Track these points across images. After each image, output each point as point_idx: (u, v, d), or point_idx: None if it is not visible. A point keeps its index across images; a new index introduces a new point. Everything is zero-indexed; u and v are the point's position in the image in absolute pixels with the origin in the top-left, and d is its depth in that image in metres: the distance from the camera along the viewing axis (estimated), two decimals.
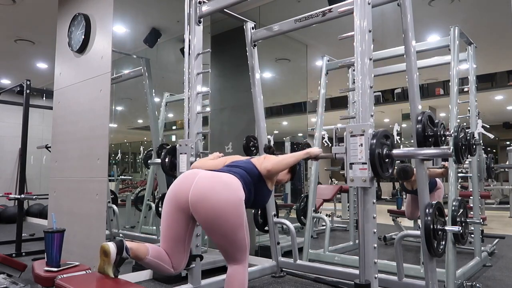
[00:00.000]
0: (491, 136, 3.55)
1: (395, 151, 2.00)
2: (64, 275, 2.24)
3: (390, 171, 2.00)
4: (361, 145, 1.97)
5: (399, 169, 3.90)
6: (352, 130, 2.01)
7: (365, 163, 1.95)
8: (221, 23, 4.39)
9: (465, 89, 3.51)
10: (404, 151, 2.13)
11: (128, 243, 1.84)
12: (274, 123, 6.03)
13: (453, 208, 2.70)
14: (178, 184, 1.93)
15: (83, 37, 3.33)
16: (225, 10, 3.00)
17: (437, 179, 4.18)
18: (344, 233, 5.52)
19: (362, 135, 1.97)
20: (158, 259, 1.89)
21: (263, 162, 2.06)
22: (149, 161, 3.78)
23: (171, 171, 2.86)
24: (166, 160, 2.86)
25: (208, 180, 1.86)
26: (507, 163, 8.35)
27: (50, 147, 3.89)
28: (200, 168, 2.07)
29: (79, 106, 3.38)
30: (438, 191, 4.21)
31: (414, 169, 3.60)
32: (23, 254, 4.15)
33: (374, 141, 1.92)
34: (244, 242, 1.89)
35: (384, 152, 1.97)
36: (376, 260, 2.01)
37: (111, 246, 1.79)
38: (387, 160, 1.98)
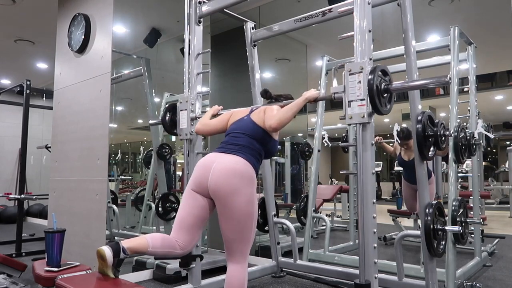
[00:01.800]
0: (491, 136, 3.55)
1: (393, 85, 2.01)
2: (65, 275, 2.25)
3: (388, 106, 2.02)
4: (360, 82, 1.98)
5: (400, 129, 3.88)
6: (351, 68, 2.02)
7: (364, 99, 1.96)
8: (221, 23, 4.39)
9: (465, 89, 3.51)
10: (402, 83, 2.10)
11: (125, 243, 1.84)
12: None
13: (453, 208, 2.70)
14: (197, 173, 2.00)
15: (83, 37, 3.33)
16: (225, 10, 3.00)
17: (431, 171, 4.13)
18: (344, 233, 5.53)
19: (361, 72, 1.99)
20: (161, 248, 1.91)
21: (267, 119, 2.06)
22: (149, 121, 3.75)
23: (171, 129, 2.90)
24: (167, 118, 2.91)
25: (221, 172, 1.92)
26: (507, 163, 8.35)
27: (50, 147, 3.89)
28: (205, 129, 2.33)
29: (79, 106, 3.39)
30: (431, 185, 4.15)
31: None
32: (23, 254, 4.15)
33: (372, 76, 1.93)
34: (251, 235, 1.96)
35: (382, 86, 1.98)
36: (376, 260, 2.01)
37: (106, 250, 1.80)
38: (385, 95, 2.00)
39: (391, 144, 4.36)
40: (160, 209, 3.77)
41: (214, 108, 2.52)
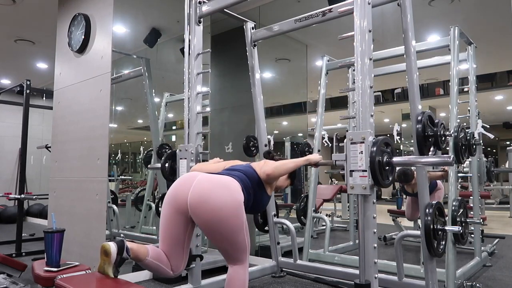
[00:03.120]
0: (491, 136, 3.54)
1: (395, 159, 1.99)
2: (64, 275, 2.24)
3: (390, 178, 2.00)
4: (361, 152, 1.97)
5: (400, 172, 3.89)
6: (352, 137, 2.01)
7: (365, 171, 1.94)
8: (221, 23, 4.39)
9: (465, 89, 3.51)
10: (405, 159, 2.11)
11: (129, 244, 1.84)
12: (274, 123, 6.02)
13: (453, 208, 2.70)
14: (177, 186, 1.92)
15: (83, 37, 3.33)
16: (225, 10, 3.00)
17: (438, 180, 4.18)
18: (344, 233, 5.52)
19: (363, 142, 1.97)
20: (157, 261, 1.88)
21: (263, 166, 2.06)
22: (148, 166, 3.76)
23: (171, 176, 2.83)
24: (166, 165, 2.83)
25: (207, 182, 1.85)
26: (507, 163, 8.34)
27: (50, 147, 3.89)
28: (200, 171, 2.04)
29: (79, 106, 3.38)
30: (439, 191, 4.21)
31: (415, 172, 3.59)
32: (23, 254, 4.15)
33: (375, 148, 1.91)
34: (244, 244, 1.89)
35: (385, 159, 1.96)
36: (376, 260, 2.01)
37: (112, 246, 1.79)
38: (387, 167, 1.97)
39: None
40: (160, 209, 3.76)
41: (215, 159, 2.38)
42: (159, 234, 1.95)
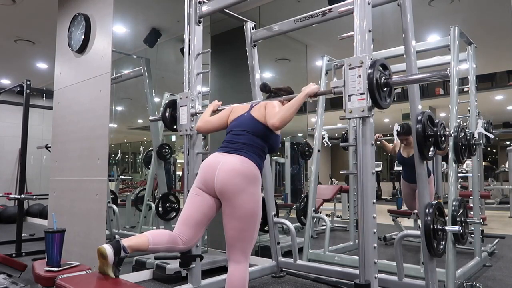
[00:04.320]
0: (491, 136, 3.54)
1: (393, 79, 2.01)
2: (65, 275, 2.24)
3: (388, 101, 2.02)
4: (359, 76, 1.98)
5: (400, 125, 3.88)
6: (350, 62, 2.02)
7: (364, 93, 1.96)
8: (221, 23, 4.39)
9: (465, 89, 3.51)
10: (402, 77, 2.10)
11: (125, 241, 1.85)
12: None
13: (453, 208, 2.70)
14: (203, 172, 2.02)
15: (83, 37, 3.33)
16: (225, 10, 3.00)
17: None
18: (344, 233, 5.52)
19: (361, 66, 1.98)
20: (162, 244, 1.92)
21: (268, 116, 2.05)
22: (149, 118, 3.76)
23: (171, 125, 2.91)
24: (167, 114, 2.92)
25: (227, 174, 1.93)
26: (507, 163, 8.34)
27: (50, 147, 3.89)
28: (206, 126, 2.33)
29: (79, 106, 3.39)
30: (431, 184, 4.16)
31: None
32: (23, 254, 4.15)
33: (372, 70, 1.93)
34: (254, 234, 1.96)
35: (382, 80, 1.98)
36: (376, 260, 2.01)
37: (107, 248, 1.80)
38: (385, 89, 2.00)
39: (390, 144, 4.36)
40: (160, 209, 3.77)
41: (214, 103, 2.54)
42: (182, 216, 2.04)
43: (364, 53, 2.02)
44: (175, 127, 2.88)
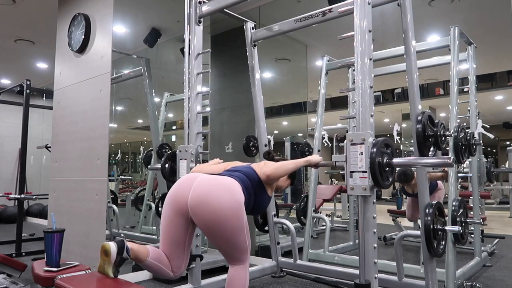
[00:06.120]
0: (491, 136, 3.55)
1: (395, 160, 1.99)
2: (64, 275, 2.24)
3: (390, 180, 1.99)
4: (361, 153, 1.96)
5: (399, 173, 3.89)
6: (352, 138, 2.00)
7: (365, 172, 1.94)
8: (221, 23, 4.39)
9: (465, 89, 3.51)
10: (405, 160, 2.10)
11: (129, 244, 1.84)
12: (274, 123, 6.02)
13: (453, 208, 2.70)
14: (177, 187, 1.92)
15: (83, 37, 3.33)
16: (225, 10, 3.00)
17: (438, 181, 4.18)
18: (344, 233, 5.52)
19: (363, 143, 1.96)
20: (158, 262, 1.88)
21: (263, 167, 2.06)
22: (149, 167, 3.76)
23: (171, 177, 2.83)
24: (166, 166, 2.83)
25: (207, 183, 1.85)
26: (507, 163, 8.34)
27: (50, 147, 3.89)
28: (200, 172, 2.03)
29: (79, 106, 3.38)
30: (439, 192, 4.20)
31: (415, 173, 3.59)
32: (23, 254, 4.14)
33: (375, 150, 1.90)
34: (245, 244, 1.89)
35: (385, 161, 1.95)
36: (376, 260, 2.01)
37: (112, 246, 1.79)
38: (387, 169, 1.97)
39: None
40: (160, 209, 3.77)
41: (215, 160, 2.38)
42: (160, 235, 1.95)
43: (366, 130, 1.99)
44: (174, 179, 2.76)
